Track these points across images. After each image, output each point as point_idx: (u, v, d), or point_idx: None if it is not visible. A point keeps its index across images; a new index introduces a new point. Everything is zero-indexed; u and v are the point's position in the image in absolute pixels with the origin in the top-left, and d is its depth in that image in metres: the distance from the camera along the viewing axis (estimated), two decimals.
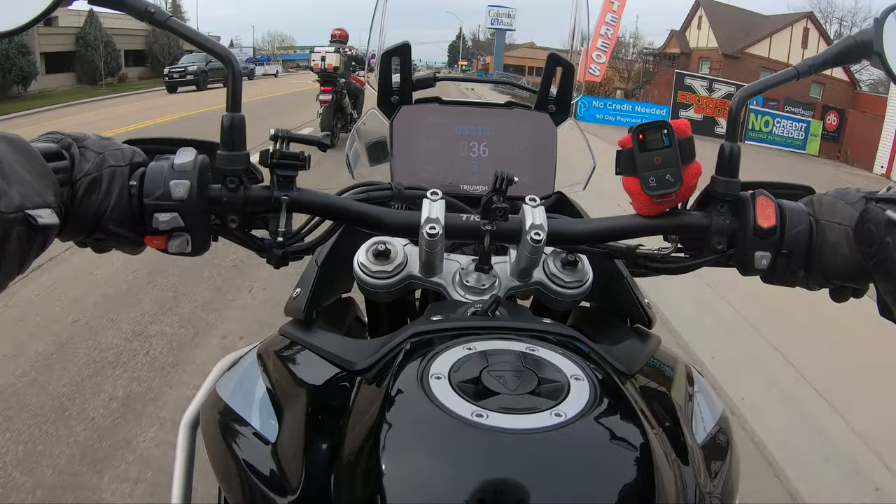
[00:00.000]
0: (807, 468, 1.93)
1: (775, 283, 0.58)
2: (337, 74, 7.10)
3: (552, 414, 0.39)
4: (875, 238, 0.50)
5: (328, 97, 6.97)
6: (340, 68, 7.12)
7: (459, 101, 0.88)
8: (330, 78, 7.03)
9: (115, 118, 11.18)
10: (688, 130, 0.56)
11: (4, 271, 0.42)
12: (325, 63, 6.98)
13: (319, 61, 7.01)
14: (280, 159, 0.55)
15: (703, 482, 0.48)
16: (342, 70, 7.21)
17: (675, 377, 0.60)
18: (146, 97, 18.36)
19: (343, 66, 7.21)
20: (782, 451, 2.00)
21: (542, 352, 0.47)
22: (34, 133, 0.52)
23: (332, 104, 7.03)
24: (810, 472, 1.91)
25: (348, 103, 7.62)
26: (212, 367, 0.64)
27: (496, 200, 0.56)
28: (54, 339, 2.51)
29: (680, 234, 0.60)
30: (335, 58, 7.03)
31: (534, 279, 0.64)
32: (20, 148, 0.44)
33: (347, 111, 7.63)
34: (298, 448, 0.46)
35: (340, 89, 7.26)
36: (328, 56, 7.02)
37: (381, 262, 0.63)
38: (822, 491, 1.83)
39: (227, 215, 0.55)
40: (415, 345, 0.49)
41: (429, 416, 0.39)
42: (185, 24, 0.54)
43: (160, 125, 10.30)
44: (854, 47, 0.55)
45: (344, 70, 7.29)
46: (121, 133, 7.65)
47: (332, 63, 6.99)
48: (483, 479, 0.35)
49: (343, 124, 7.52)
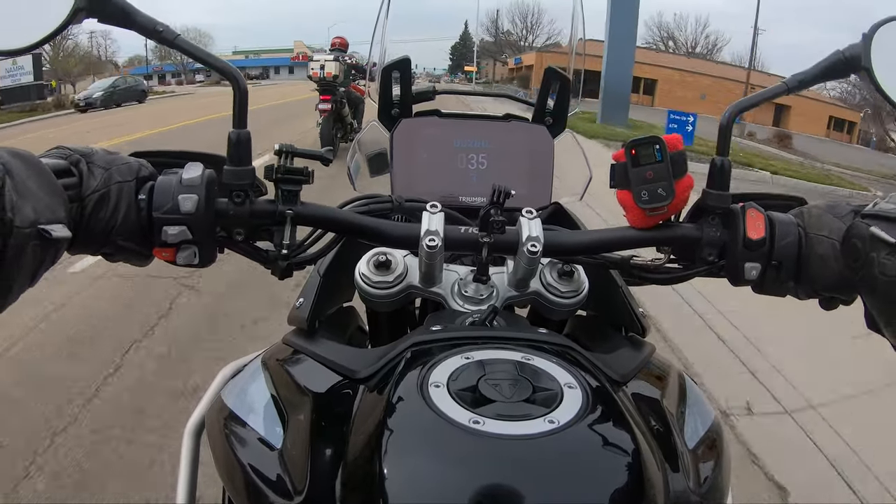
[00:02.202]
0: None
1: (765, 294, 0.60)
2: (336, 83, 7.11)
3: (545, 421, 0.42)
4: (860, 253, 0.51)
5: (327, 106, 6.97)
6: (340, 77, 7.14)
7: (458, 113, 0.92)
8: (329, 87, 7.04)
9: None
10: (679, 145, 0.58)
11: (18, 283, 0.44)
12: (324, 72, 6.99)
13: (318, 70, 7.01)
14: (284, 174, 0.57)
15: (694, 487, 0.50)
16: (342, 79, 7.21)
17: (668, 384, 0.63)
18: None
19: (343, 74, 7.21)
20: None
21: (537, 361, 0.49)
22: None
23: (331, 114, 7.03)
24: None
25: (348, 112, 7.60)
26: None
27: (494, 213, 0.58)
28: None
29: (672, 245, 0.62)
30: (334, 66, 7.03)
31: (531, 289, 0.67)
32: (31, 164, 0.46)
33: (347, 120, 7.61)
34: (303, 454, 0.48)
35: (340, 98, 7.26)
36: (327, 65, 7.02)
37: (382, 272, 0.66)
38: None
39: (233, 228, 0.57)
40: (415, 354, 0.52)
41: (429, 423, 0.42)
42: (192, 42, 0.56)
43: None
44: (842, 62, 0.56)
45: (344, 79, 7.29)
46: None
47: (332, 72, 7.00)
48: (479, 484, 0.37)
49: (343, 134, 7.49)
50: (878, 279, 0.49)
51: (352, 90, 7.65)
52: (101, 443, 1.93)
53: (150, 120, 14.00)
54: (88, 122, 14.93)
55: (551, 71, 0.90)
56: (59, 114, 19.03)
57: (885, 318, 0.51)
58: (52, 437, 1.94)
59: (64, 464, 1.82)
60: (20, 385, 2.27)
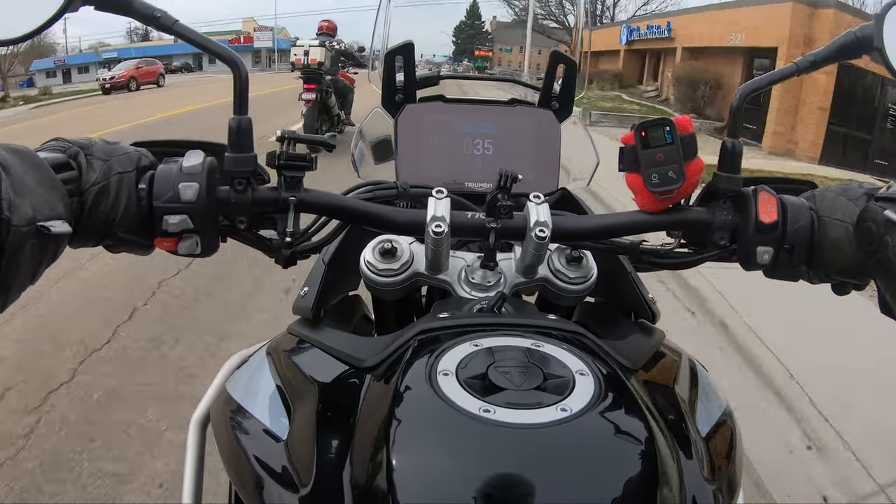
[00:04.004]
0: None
1: (777, 278, 0.60)
2: (322, 71, 6.69)
3: (558, 409, 0.42)
4: (875, 237, 0.51)
5: (311, 96, 6.58)
6: (326, 64, 6.73)
7: (463, 98, 0.92)
8: (314, 75, 6.62)
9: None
10: (690, 127, 0.58)
11: (18, 282, 0.44)
12: (308, 58, 6.57)
13: (302, 56, 6.59)
14: (287, 160, 0.57)
15: (707, 475, 0.51)
16: (328, 66, 6.83)
17: (679, 371, 0.63)
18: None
19: (329, 61, 6.85)
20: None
21: (548, 348, 0.49)
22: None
23: (316, 104, 6.64)
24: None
25: (335, 103, 7.18)
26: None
27: (501, 198, 0.59)
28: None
29: (683, 229, 0.63)
30: (320, 52, 6.63)
31: (539, 275, 0.67)
32: (29, 159, 0.46)
33: (334, 112, 7.22)
34: (310, 444, 0.48)
35: (326, 87, 6.85)
36: (312, 50, 6.62)
37: (388, 260, 0.66)
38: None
39: (235, 216, 0.57)
40: (422, 342, 0.52)
41: (437, 412, 0.42)
42: (190, 28, 0.56)
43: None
44: (855, 43, 0.57)
45: (330, 66, 6.93)
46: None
47: (317, 58, 6.59)
48: (490, 473, 0.38)
49: (329, 126, 7.09)
50: (892, 263, 0.50)
51: (339, 78, 7.33)
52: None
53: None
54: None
55: (557, 55, 0.90)
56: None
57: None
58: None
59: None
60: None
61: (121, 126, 10.04)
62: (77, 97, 19.99)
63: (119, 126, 10.03)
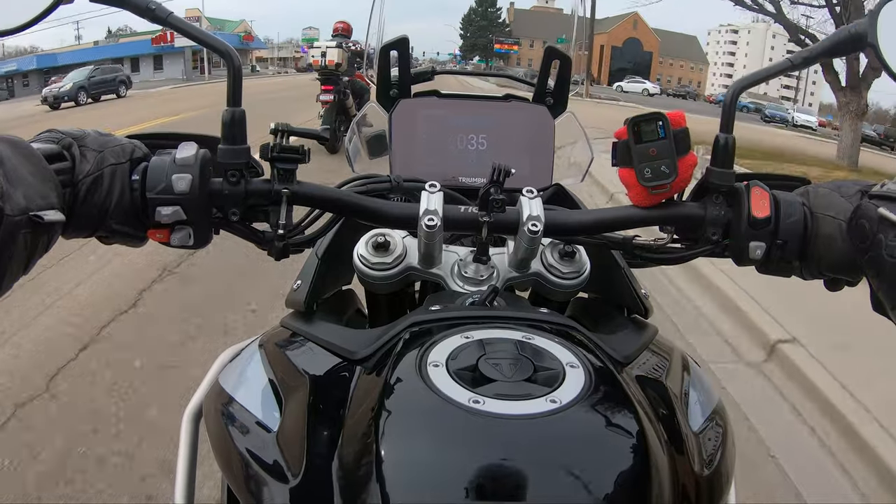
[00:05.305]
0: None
1: (770, 273, 0.60)
2: (339, 72, 6.71)
3: (547, 400, 0.43)
4: (868, 234, 0.52)
5: (329, 97, 6.64)
6: (343, 65, 6.73)
7: (457, 94, 0.93)
8: (332, 76, 6.68)
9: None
10: (683, 122, 0.59)
11: (10, 273, 0.44)
12: (325, 59, 6.60)
13: (320, 57, 6.62)
14: (280, 153, 0.58)
15: (698, 469, 0.51)
16: (345, 67, 6.82)
17: (671, 366, 0.63)
18: None
19: (346, 62, 6.84)
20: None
21: (539, 340, 0.50)
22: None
23: (334, 105, 6.69)
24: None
25: (352, 104, 7.15)
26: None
27: (494, 192, 0.59)
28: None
29: (675, 224, 0.63)
30: (337, 53, 6.63)
31: (532, 270, 0.68)
32: (22, 149, 0.46)
33: (351, 112, 7.10)
34: (300, 436, 0.49)
35: (343, 88, 6.85)
36: (329, 51, 6.63)
37: (381, 253, 0.68)
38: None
39: (228, 208, 0.58)
40: (413, 334, 0.53)
41: (427, 403, 0.43)
42: (185, 20, 0.57)
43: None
44: (848, 39, 0.57)
45: (347, 67, 6.92)
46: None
47: (334, 59, 6.60)
48: (480, 464, 0.38)
49: (347, 127, 6.99)
50: (885, 261, 0.50)
51: (356, 80, 7.27)
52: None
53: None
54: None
55: (552, 50, 0.91)
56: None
57: (891, 300, 0.51)
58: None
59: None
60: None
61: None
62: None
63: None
